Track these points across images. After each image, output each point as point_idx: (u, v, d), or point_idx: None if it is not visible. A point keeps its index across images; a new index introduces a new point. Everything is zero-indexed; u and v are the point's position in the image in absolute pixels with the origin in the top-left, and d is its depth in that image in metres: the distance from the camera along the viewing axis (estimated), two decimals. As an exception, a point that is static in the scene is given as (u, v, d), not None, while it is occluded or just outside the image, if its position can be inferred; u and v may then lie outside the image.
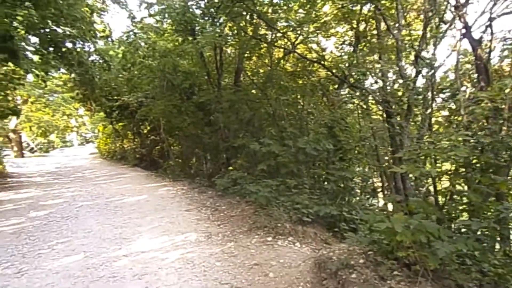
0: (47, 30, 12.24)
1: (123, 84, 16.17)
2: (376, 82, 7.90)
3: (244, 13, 9.06)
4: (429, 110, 6.71)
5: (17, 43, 8.68)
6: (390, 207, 5.86)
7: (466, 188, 3.71)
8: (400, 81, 7.95)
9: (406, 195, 5.69)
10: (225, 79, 12.05)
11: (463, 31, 6.04)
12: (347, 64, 8.31)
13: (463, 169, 3.63)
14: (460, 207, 3.71)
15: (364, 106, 8.99)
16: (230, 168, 9.08)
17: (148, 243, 5.19)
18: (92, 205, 8.28)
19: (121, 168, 17.04)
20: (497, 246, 3.76)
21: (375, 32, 9.75)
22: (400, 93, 7.19)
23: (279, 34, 9.77)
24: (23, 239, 5.86)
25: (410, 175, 6.07)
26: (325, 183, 7.08)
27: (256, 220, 5.74)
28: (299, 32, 9.82)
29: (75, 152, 37.78)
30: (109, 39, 14.81)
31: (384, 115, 7.81)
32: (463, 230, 3.79)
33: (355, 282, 3.13)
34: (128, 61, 11.87)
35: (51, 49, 12.70)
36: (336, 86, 10.35)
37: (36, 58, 14.18)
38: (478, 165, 3.59)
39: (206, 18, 9.53)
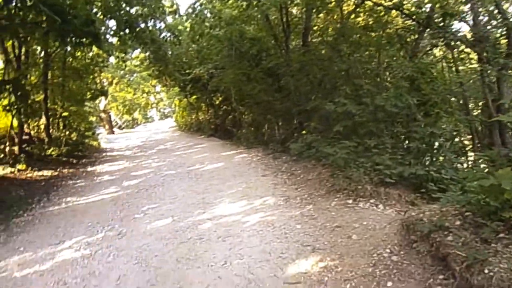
0: (122, 12, 12.93)
1: (193, 57, 16.62)
2: (465, 23, 6.90)
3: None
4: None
5: (98, 27, 9.29)
6: (482, 165, 5.24)
7: None
8: (494, 22, 6.87)
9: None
10: (293, 41, 11.62)
11: None
12: (429, 8, 7.36)
13: None
14: None
15: (451, 55, 7.99)
16: (303, 132, 8.90)
17: (229, 207, 5.37)
18: (175, 174, 8.83)
19: (198, 139, 17.89)
20: None
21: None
22: (497, 35, 6.19)
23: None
24: (120, 205, 6.48)
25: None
26: (407, 141, 6.56)
27: (334, 183, 5.57)
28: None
29: (156, 126, 40.61)
30: (177, 14, 15.16)
31: (476, 63, 6.87)
32: None
33: (452, 245, 2.83)
34: (196, 33, 12.09)
35: (126, 30, 13.44)
36: (416, 37, 9.32)
37: (115, 40, 15.22)
38: None
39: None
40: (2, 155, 10.03)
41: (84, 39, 8.87)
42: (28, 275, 3.84)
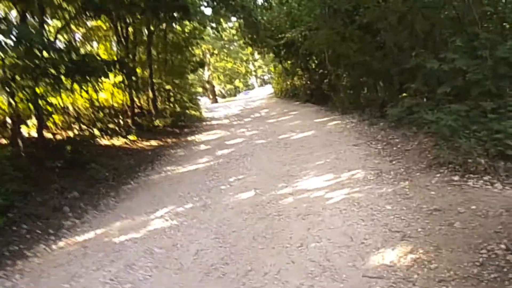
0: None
1: (284, 21, 16.01)
2: None
3: None
4: None
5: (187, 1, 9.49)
6: None
7: None
8: None
9: None
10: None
11: None
12: None
13: None
14: None
15: None
16: (404, 94, 7.84)
17: (313, 181, 5.04)
18: (266, 143, 8.77)
19: (293, 105, 17.58)
20: None
21: None
22: None
23: None
24: (210, 175, 6.70)
25: None
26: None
27: (437, 155, 4.73)
28: None
29: (256, 93, 41.53)
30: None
31: None
32: None
33: None
34: (285, -6, 11.43)
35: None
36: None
37: (209, 12, 15.55)
38: None
39: None
40: (117, 128, 11.29)
41: (175, 13, 9.20)
42: (124, 242, 4.20)
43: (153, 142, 11.50)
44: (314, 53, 15.61)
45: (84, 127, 10.67)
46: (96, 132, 10.34)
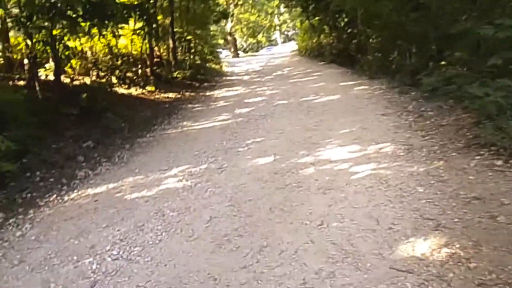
0: None
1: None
2: None
3: None
4: None
5: None
6: None
7: None
8: None
9: None
10: None
11: None
12: None
13: None
14: None
15: None
16: (442, 63, 7.19)
17: (337, 151, 4.72)
18: (287, 104, 8.38)
19: (317, 65, 16.82)
20: None
21: None
22: None
23: None
24: (228, 134, 6.45)
25: None
26: None
27: (478, 135, 4.30)
28: None
29: (278, 50, 40.14)
30: None
31: None
32: None
33: None
34: None
35: None
36: None
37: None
38: None
39: None
40: (135, 77, 11.01)
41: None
42: (135, 199, 4.07)
43: (171, 94, 11.24)
44: (345, 11, 14.60)
45: (101, 74, 10.45)
46: (114, 80, 10.10)
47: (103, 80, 9.89)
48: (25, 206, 4.18)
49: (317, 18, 19.63)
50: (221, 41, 42.93)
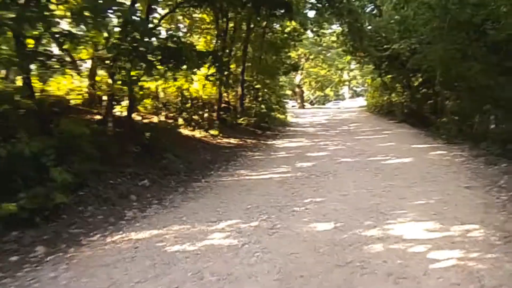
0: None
1: (393, 31, 14.55)
2: None
3: None
4: None
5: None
6: None
7: None
8: None
9: None
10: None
11: None
12: None
13: None
14: None
15: None
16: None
17: (411, 227, 3.98)
18: (352, 163, 7.77)
19: (387, 124, 16.02)
20: None
21: None
22: None
23: None
24: (285, 190, 5.99)
25: None
26: None
27: None
28: None
29: (346, 105, 39.76)
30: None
31: None
32: None
33: None
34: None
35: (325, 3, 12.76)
36: None
37: (312, 14, 14.84)
38: None
39: None
40: (201, 120, 11.26)
41: (277, 10, 8.67)
42: (176, 253, 3.70)
43: (233, 140, 11.24)
44: (422, 70, 13.91)
45: (170, 114, 10.85)
46: (180, 121, 10.38)
47: (170, 121, 10.22)
48: (68, 242, 4.04)
49: (389, 76, 19.09)
50: (289, 92, 43.95)
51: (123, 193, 5.59)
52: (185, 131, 10.57)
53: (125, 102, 8.84)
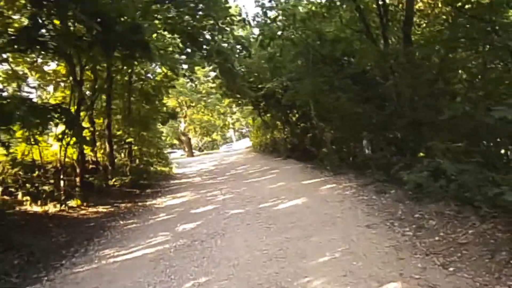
0: (184, 24, 11.60)
1: (265, 69, 14.72)
2: None
3: None
4: None
5: (147, 35, 7.77)
6: None
7: None
8: None
9: None
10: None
11: None
12: None
13: None
14: None
15: None
16: (421, 154, 6.11)
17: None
18: (243, 215, 6.67)
19: (273, 161, 15.76)
20: None
21: None
22: None
23: None
24: (160, 271, 4.49)
25: None
26: None
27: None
28: None
29: (233, 147, 39.94)
30: (245, 21, 13.44)
31: None
32: None
33: None
34: (266, 37, 10.05)
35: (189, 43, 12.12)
36: None
37: (182, 58, 14.03)
38: None
39: None
40: (55, 190, 8.90)
41: (132, 50, 7.44)
42: None
43: (101, 208, 9.15)
44: (297, 105, 14.22)
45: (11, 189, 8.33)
46: (21, 196, 7.96)
47: (6, 198, 7.74)
48: None
49: (268, 114, 19.38)
50: (175, 141, 42.13)
51: None
52: (33, 208, 8.14)
53: None
